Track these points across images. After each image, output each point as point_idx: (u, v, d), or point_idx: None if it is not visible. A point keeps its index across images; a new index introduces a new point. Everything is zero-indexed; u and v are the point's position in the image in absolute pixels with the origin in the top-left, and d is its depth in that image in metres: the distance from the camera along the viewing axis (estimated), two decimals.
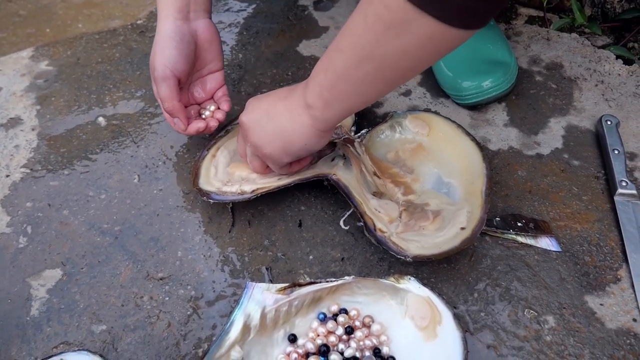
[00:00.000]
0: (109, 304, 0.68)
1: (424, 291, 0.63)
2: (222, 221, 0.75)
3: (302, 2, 1.07)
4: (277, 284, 0.63)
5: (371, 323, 0.63)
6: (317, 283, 0.63)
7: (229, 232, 0.74)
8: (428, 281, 0.69)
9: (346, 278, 0.64)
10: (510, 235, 0.72)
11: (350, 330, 0.62)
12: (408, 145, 0.79)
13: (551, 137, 0.84)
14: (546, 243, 0.71)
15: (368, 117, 0.87)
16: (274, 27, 1.03)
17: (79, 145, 0.85)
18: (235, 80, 0.93)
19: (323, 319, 0.63)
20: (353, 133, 0.79)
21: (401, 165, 0.77)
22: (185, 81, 0.75)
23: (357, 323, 0.63)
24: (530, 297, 0.67)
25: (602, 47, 0.97)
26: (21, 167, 0.82)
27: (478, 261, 0.70)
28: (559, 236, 0.72)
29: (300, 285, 0.63)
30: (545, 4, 1.02)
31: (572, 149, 0.82)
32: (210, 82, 0.78)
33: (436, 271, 0.69)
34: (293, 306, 0.63)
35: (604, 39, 0.99)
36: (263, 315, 0.61)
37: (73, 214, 0.76)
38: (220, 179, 0.75)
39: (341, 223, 0.74)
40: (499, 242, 0.72)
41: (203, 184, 0.74)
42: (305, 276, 0.70)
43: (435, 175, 0.76)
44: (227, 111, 0.78)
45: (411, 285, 0.63)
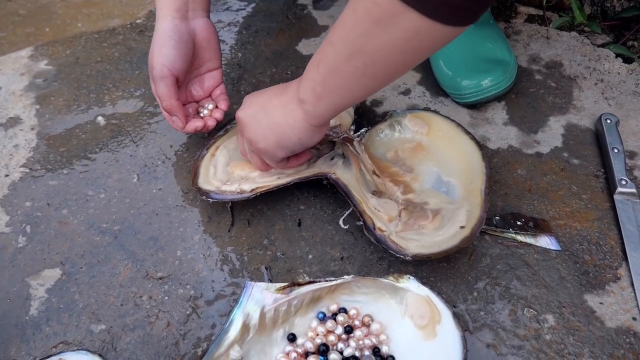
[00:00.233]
0: (108, 304, 0.68)
1: (424, 290, 0.62)
2: (222, 220, 0.75)
3: (302, 1, 1.07)
4: (277, 284, 0.63)
5: (370, 322, 0.63)
6: (317, 282, 0.63)
7: (228, 232, 0.74)
8: (427, 280, 0.69)
9: (345, 277, 0.64)
10: (509, 234, 0.72)
11: (349, 329, 0.62)
12: (407, 144, 0.79)
13: (551, 136, 0.84)
14: (546, 242, 0.71)
15: (367, 116, 0.87)
16: (273, 26, 1.02)
17: (78, 144, 0.85)
18: (234, 79, 0.93)
19: (322, 318, 0.63)
20: (352, 132, 0.79)
21: (400, 164, 0.77)
22: (183, 80, 0.75)
23: (357, 322, 0.63)
24: (529, 296, 0.67)
25: (602, 46, 0.97)
26: (20, 167, 0.82)
27: (477, 260, 0.70)
28: (559, 235, 0.72)
29: (299, 284, 0.63)
30: (544, 3, 1.02)
31: (572, 148, 0.82)
32: (208, 81, 0.79)
33: (435, 270, 0.69)
34: (292, 305, 0.63)
35: (604, 38, 0.99)
36: (262, 314, 0.61)
37: (72, 214, 0.76)
38: (219, 178, 0.74)
39: (340, 222, 0.74)
40: (499, 241, 0.72)
41: (202, 183, 0.74)
42: (304, 275, 0.70)
43: (434, 174, 0.76)
44: (225, 110, 0.78)
45: (410, 284, 0.63)
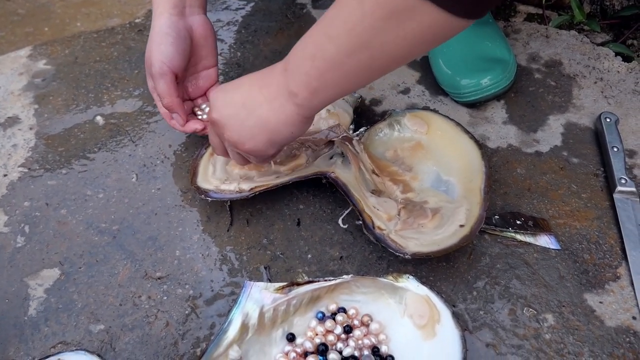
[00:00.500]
0: (107, 304, 0.68)
1: (423, 290, 0.62)
2: (221, 220, 0.75)
3: (301, 0, 1.07)
4: (276, 283, 0.63)
5: (370, 322, 0.63)
6: (316, 282, 0.63)
7: (227, 231, 0.74)
8: (427, 280, 0.68)
9: (345, 277, 0.63)
10: (509, 233, 0.72)
11: (348, 329, 0.62)
12: (407, 143, 0.79)
13: (550, 135, 0.83)
14: (545, 241, 0.71)
15: (366, 115, 0.87)
16: (272, 25, 1.02)
17: (77, 144, 0.84)
18: (233, 78, 0.92)
19: (321, 318, 0.63)
20: (351, 131, 0.79)
21: (400, 163, 0.77)
22: (182, 77, 0.74)
23: (356, 322, 0.63)
24: (529, 295, 0.67)
25: (601, 45, 0.96)
26: (19, 167, 0.82)
27: (477, 259, 0.70)
28: (558, 234, 0.72)
29: (298, 284, 0.63)
30: (544, 1, 1.02)
31: (571, 147, 0.82)
32: (203, 79, 0.78)
33: (435, 269, 0.69)
34: (291, 305, 0.63)
35: (603, 36, 0.99)
36: (261, 314, 0.61)
37: (71, 214, 0.76)
38: (218, 177, 0.74)
39: (340, 222, 0.74)
40: (498, 240, 0.72)
41: (201, 182, 0.74)
42: (303, 275, 0.69)
43: (434, 173, 0.76)
44: None
45: (410, 283, 0.63)
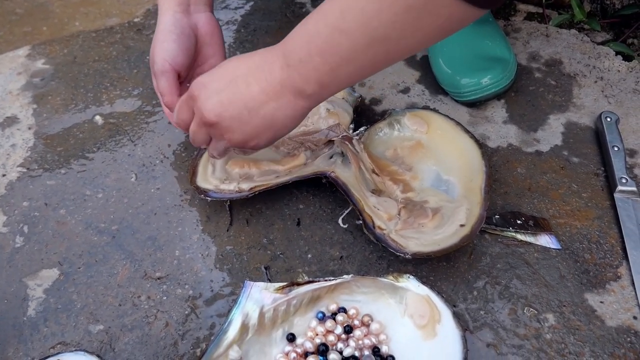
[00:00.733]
0: (106, 304, 0.67)
1: (423, 289, 0.62)
2: (220, 220, 0.75)
3: None
4: (276, 283, 0.63)
5: (370, 322, 0.63)
6: (316, 282, 0.63)
7: (227, 231, 0.74)
8: (427, 279, 0.68)
9: (345, 277, 0.63)
10: (509, 232, 0.72)
11: (349, 329, 0.62)
12: (407, 142, 0.79)
13: (550, 134, 0.83)
14: (546, 241, 0.71)
15: (366, 115, 0.86)
16: (272, 25, 1.02)
17: (76, 144, 0.84)
18: None
19: (322, 318, 0.63)
20: (351, 131, 0.79)
21: (400, 162, 0.77)
22: (185, 75, 0.73)
23: (356, 322, 0.63)
24: (530, 295, 0.67)
25: (602, 44, 0.96)
26: (18, 167, 0.81)
27: (477, 259, 0.70)
28: (559, 234, 0.72)
29: (298, 284, 0.63)
30: (544, 0, 1.02)
31: (572, 146, 0.82)
32: None
33: (435, 269, 0.69)
34: (291, 305, 0.62)
35: (604, 35, 0.98)
36: (261, 314, 0.61)
37: (70, 213, 0.76)
38: (217, 177, 0.74)
39: (340, 221, 0.73)
40: (499, 240, 0.72)
41: (200, 182, 0.74)
42: (303, 275, 0.69)
43: (434, 172, 0.76)
44: None
45: (410, 283, 0.63)
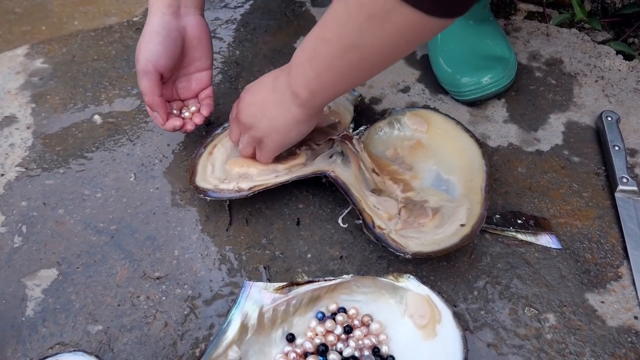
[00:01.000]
0: (105, 304, 0.67)
1: (424, 289, 0.62)
2: (220, 220, 0.75)
3: None
4: (275, 283, 0.63)
5: (370, 322, 0.62)
6: (316, 282, 0.63)
7: (227, 231, 0.73)
8: (427, 279, 0.68)
9: (345, 277, 0.63)
10: (510, 232, 0.71)
11: (349, 329, 0.62)
12: (407, 142, 0.79)
13: (551, 134, 0.83)
14: (546, 240, 0.71)
15: (366, 114, 0.86)
16: (271, 24, 1.02)
17: (75, 143, 0.84)
18: (232, 77, 0.93)
19: (321, 318, 0.62)
20: (351, 130, 0.78)
21: (400, 162, 0.77)
22: (168, 76, 0.73)
23: (356, 322, 0.62)
24: (530, 295, 0.66)
25: (602, 43, 0.96)
26: (16, 166, 0.81)
27: (478, 259, 0.70)
28: (560, 233, 0.72)
29: (298, 284, 0.63)
30: None
31: (572, 145, 0.81)
32: (196, 81, 0.77)
33: (435, 269, 0.69)
34: (291, 305, 0.62)
35: (604, 35, 0.98)
36: (261, 314, 0.61)
37: (69, 213, 0.76)
38: (217, 177, 0.74)
39: (339, 221, 0.73)
40: (499, 240, 0.71)
41: (200, 182, 0.73)
42: (303, 275, 0.69)
43: (434, 172, 0.75)
44: (206, 117, 0.77)
45: (410, 283, 0.62)
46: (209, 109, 0.77)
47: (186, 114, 0.77)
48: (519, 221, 0.72)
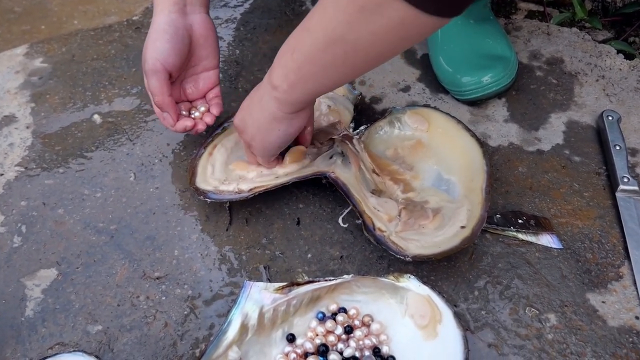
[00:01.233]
0: (105, 304, 0.67)
1: (424, 289, 0.62)
2: (219, 219, 0.74)
3: None
4: (275, 283, 0.62)
5: (371, 322, 0.62)
6: (316, 282, 0.63)
7: (227, 231, 0.73)
8: (428, 279, 0.68)
9: (345, 277, 0.63)
10: (510, 232, 0.71)
11: (349, 329, 0.62)
12: (407, 141, 0.78)
13: (552, 133, 0.83)
14: (547, 240, 0.71)
15: (366, 113, 0.86)
16: (271, 23, 1.01)
17: (74, 143, 0.84)
18: (232, 76, 0.92)
19: (322, 319, 0.62)
20: (351, 129, 0.78)
21: (400, 162, 0.77)
22: (177, 76, 0.73)
23: (357, 322, 0.62)
24: (531, 295, 0.66)
25: (603, 42, 0.96)
26: (15, 166, 0.81)
27: (478, 259, 0.69)
28: (560, 233, 0.72)
29: (298, 284, 0.62)
30: None
31: (573, 145, 0.81)
32: (203, 81, 0.76)
33: (436, 269, 0.69)
34: (291, 305, 0.62)
35: (605, 34, 0.98)
36: (261, 314, 0.60)
37: (68, 213, 0.76)
38: (217, 178, 0.73)
39: (340, 221, 0.73)
40: (500, 240, 0.71)
41: (200, 183, 0.73)
42: (303, 275, 0.69)
43: (434, 172, 0.75)
44: (217, 115, 0.76)
45: (411, 283, 0.62)
46: (219, 109, 0.76)
47: (196, 114, 0.76)
48: (520, 221, 0.72)
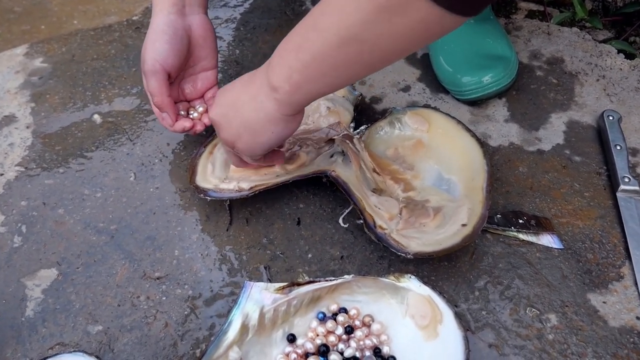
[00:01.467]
0: (105, 304, 0.67)
1: (425, 290, 0.62)
2: (220, 219, 0.74)
3: None
4: (276, 283, 0.62)
5: (371, 322, 0.62)
6: (316, 282, 0.63)
7: (227, 231, 0.73)
8: (428, 279, 0.68)
9: (346, 277, 0.63)
10: (511, 232, 0.71)
11: (350, 329, 0.61)
12: (407, 141, 0.78)
13: (552, 133, 0.83)
14: (548, 240, 0.71)
15: (367, 113, 0.86)
16: (271, 23, 1.01)
17: (74, 143, 0.84)
18: (232, 76, 0.92)
19: (322, 319, 0.62)
20: (352, 129, 0.78)
21: (401, 161, 0.76)
22: (175, 76, 0.73)
23: (357, 322, 0.62)
24: (532, 295, 0.66)
25: (604, 42, 0.96)
26: (16, 166, 0.81)
27: (479, 259, 0.69)
28: (561, 233, 0.71)
29: (299, 284, 0.62)
30: None
31: (574, 145, 0.81)
32: (202, 81, 0.76)
33: (437, 269, 0.69)
34: (292, 306, 0.62)
35: (605, 33, 0.98)
36: (261, 315, 0.60)
37: (68, 213, 0.75)
38: (217, 176, 0.74)
39: (340, 221, 0.73)
40: (500, 240, 0.71)
41: (200, 182, 0.73)
42: (304, 275, 0.69)
43: (435, 171, 0.75)
44: None
45: (411, 283, 0.62)
46: None
47: (194, 115, 0.76)
48: (520, 221, 0.72)
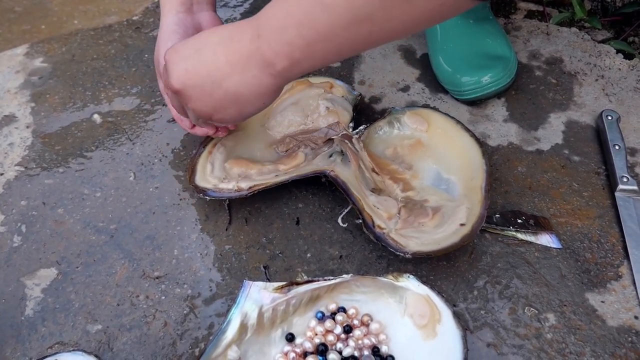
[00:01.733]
0: (105, 304, 0.67)
1: (423, 289, 0.62)
2: (219, 219, 0.74)
3: None
4: (275, 283, 0.62)
5: (370, 322, 0.62)
6: (315, 281, 0.63)
7: (226, 230, 0.73)
8: (427, 279, 0.68)
9: (344, 276, 0.63)
10: (510, 232, 0.71)
11: (348, 329, 0.62)
12: (406, 141, 0.79)
13: (551, 133, 0.83)
14: (546, 240, 0.71)
15: (366, 113, 0.86)
16: None
17: (74, 142, 0.84)
18: None
19: (321, 318, 0.62)
20: (351, 129, 0.78)
21: (400, 161, 0.77)
22: None
23: (356, 322, 0.62)
24: (530, 295, 0.66)
25: (602, 42, 0.96)
26: (15, 165, 0.81)
27: (478, 258, 0.70)
28: (560, 233, 0.72)
29: (298, 283, 0.62)
30: None
31: (573, 145, 0.81)
32: None
33: (435, 269, 0.69)
34: (291, 305, 0.62)
35: (604, 33, 0.98)
36: (260, 314, 0.60)
37: (68, 213, 0.76)
38: (216, 176, 0.74)
39: (339, 220, 0.73)
40: (499, 239, 0.71)
41: (199, 181, 0.73)
42: (303, 274, 0.69)
43: (434, 171, 0.75)
44: None
45: (410, 283, 0.62)
46: None
47: None
48: (519, 220, 0.72)
